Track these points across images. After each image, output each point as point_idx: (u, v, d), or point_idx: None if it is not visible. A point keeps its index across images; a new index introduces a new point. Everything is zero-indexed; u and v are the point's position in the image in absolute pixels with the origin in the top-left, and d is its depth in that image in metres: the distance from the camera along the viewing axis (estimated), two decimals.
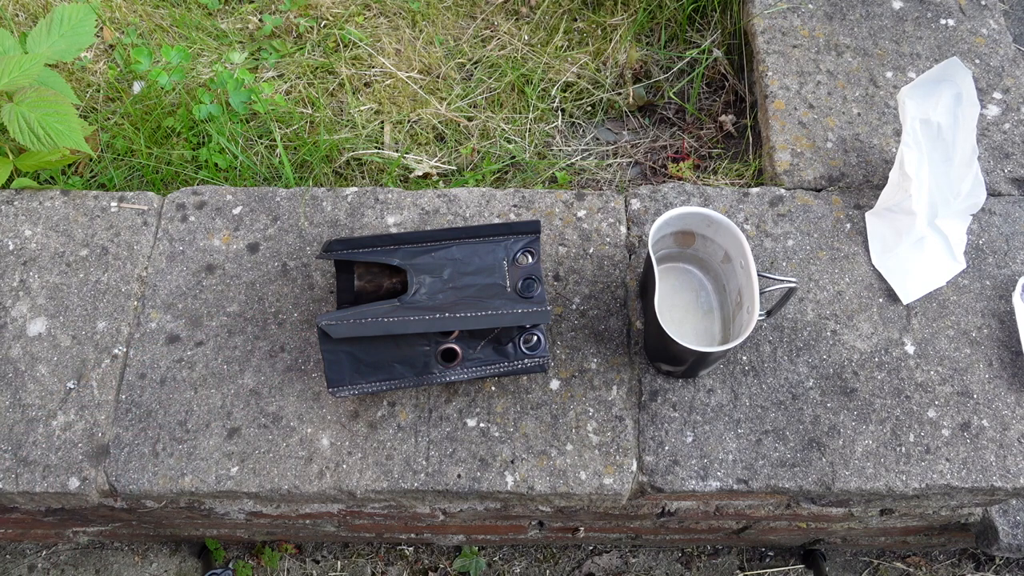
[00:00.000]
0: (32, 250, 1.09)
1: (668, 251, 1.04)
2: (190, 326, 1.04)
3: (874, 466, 0.96)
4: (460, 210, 1.12)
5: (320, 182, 1.37)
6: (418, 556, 1.44)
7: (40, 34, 1.17)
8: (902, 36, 1.30)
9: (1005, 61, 1.28)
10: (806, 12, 1.34)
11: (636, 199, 1.14)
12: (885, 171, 1.17)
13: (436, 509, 1.10)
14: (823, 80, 1.26)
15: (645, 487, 0.97)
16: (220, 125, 1.38)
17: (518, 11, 1.61)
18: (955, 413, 0.99)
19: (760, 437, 0.98)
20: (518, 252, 0.96)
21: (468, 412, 0.98)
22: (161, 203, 1.13)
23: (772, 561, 1.45)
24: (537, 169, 1.43)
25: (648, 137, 1.51)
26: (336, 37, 1.55)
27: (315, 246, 1.09)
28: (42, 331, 1.04)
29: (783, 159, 1.19)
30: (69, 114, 1.08)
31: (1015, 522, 1.10)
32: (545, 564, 1.44)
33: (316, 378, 1.00)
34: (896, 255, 1.08)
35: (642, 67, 1.55)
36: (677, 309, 1.04)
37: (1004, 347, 1.04)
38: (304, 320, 1.04)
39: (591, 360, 1.02)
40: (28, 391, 1.00)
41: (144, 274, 1.08)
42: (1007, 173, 1.18)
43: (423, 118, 1.47)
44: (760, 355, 1.02)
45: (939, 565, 1.45)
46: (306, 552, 1.43)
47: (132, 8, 1.57)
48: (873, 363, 1.02)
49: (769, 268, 1.08)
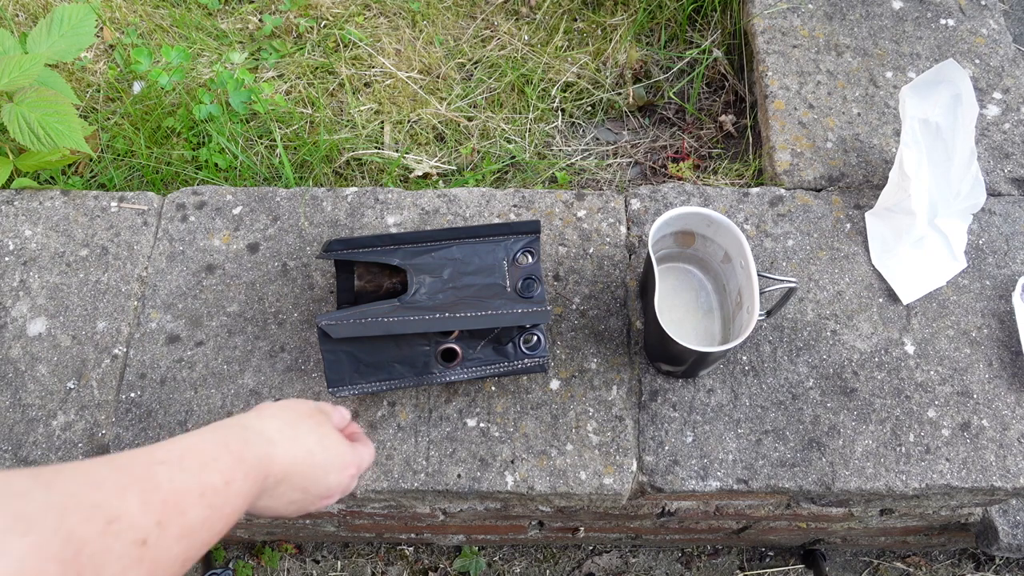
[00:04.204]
0: (32, 250, 1.09)
1: (668, 251, 1.04)
2: (190, 326, 1.04)
3: (874, 466, 0.96)
4: (460, 210, 1.12)
5: (320, 182, 1.37)
6: (418, 556, 1.44)
7: (40, 34, 1.17)
8: (902, 36, 1.30)
9: (1005, 61, 1.28)
10: (806, 12, 1.34)
11: (636, 199, 1.14)
12: (885, 171, 1.17)
13: (436, 509, 1.10)
14: (823, 80, 1.26)
15: (645, 487, 0.97)
16: (220, 125, 1.38)
17: (518, 11, 1.61)
18: (955, 413, 0.99)
19: (760, 437, 0.98)
20: (518, 252, 0.96)
21: (468, 412, 0.98)
22: (161, 203, 1.13)
23: (772, 561, 1.45)
24: (537, 169, 1.43)
25: (648, 137, 1.51)
26: (336, 37, 1.55)
27: (315, 246, 1.09)
28: (42, 331, 1.04)
29: (783, 159, 1.19)
30: (69, 114, 1.08)
31: (1015, 522, 1.10)
32: (545, 564, 1.44)
33: (316, 378, 1.00)
34: (896, 255, 1.08)
35: (642, 67, 1.55)
36: (677, 309, 1.04)
37: (1004, 347, 1.04)
38: (304, 320, 1.04)
39: (591, 360, 1.02)
40: (28, 391, 1.00)
41: (144, 274, 1.08)
42: (1007, 173, 1.18)
43: (423, 118, 1.47)
44: (760, 355, 1.02)
45: (939, 565, 1.45)
46: (306, 552, 1.43)
47: (132, 8, 1.57)
48: (873, 363, 1.02)
49: (769, 268, 1.08)
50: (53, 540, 0.39)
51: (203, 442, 0.55)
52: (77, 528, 0.41)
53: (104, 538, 0.42)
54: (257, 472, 0.56)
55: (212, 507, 0.50)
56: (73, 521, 0.41)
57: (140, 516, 0.45)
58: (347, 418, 0.76)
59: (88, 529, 0.41)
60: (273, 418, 0.63)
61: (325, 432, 0.66)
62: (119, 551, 0.42)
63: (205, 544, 0.50)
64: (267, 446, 0.59)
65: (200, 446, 0.54)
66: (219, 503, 0.51)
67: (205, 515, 0.50)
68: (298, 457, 0.62)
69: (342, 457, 0.67)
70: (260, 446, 0.58)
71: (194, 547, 0.49)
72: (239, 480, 0.54)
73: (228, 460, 0.54)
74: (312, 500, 0.64)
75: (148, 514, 0.45)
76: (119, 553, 0.42)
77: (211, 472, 0.52)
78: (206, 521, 0.50)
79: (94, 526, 0.42)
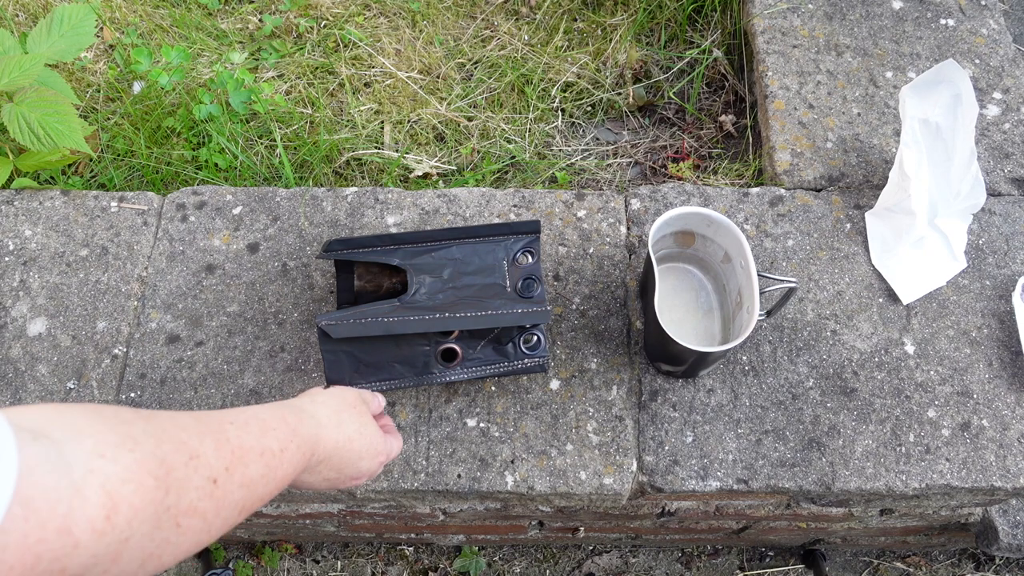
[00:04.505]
0: (32, 250, 1.09)
1: (668, 251, 1.04)
2: (190, 326, 1.04)
3: (874, 466, 0.96)
4: (460, 210, 1.12)
5: (320, 182, 1.37)
6: (418, 556, 1.44)
7: (40, 34, 1.17)
8: (902, 36, 1.30)
9: (1005, 61, 1.28)
10: (806, 12, 1.34)
11: (636, 199, 1.14)
12: (885, 171, 1.17)
13: (436, 509, 1.10)
14: (823, 80, 1.26)
15: (645, 487, 0.97)
16: (220, 125, 1.38)
17: (518, 11, 1.61)
18: (955, 413, 0.99)
19: (760, 437, 0.98)
20: (518, 252, 0.96)
21: (468, 412, 0.98)
22: (161, 203, 1.13)
23: (772, 561, 1.45)
24: (537, 169, 1.43)
25: (648, 137, 1.51)
26: (336, 37, 1.55)
27: (315, 246, 1.09)
28: (42, 331, 1.04)
29: (783, 159, 1.19)
30: (69, 114, 1.08)
31: (1015, 522, 1.10)
32: (545, 564, 1.44)
33: (316, 378, 1.00)
34: (896, 255, 1.08)
35: (642, 67, 1.55)
36: (677, 309, 1.04)
37: (1004, 347, 1.04)
38: (304, 320, 1.04)
39: (591, 360, 1.02)
40: (28, 391, 1.00)
41: (144, 274, 1.08)
42: (1007, 173, 1.18)
43: (423, 118, 1.47)
44: (760, 355, 1.02)
45: (939, 565, 1.45)
46: (306, 552, 1.43)
47: (132, 8, 1.57)
48: (873, 363, 1.02)
49: (769, 268, 1.08)
50: (151, 459, 0.47)
51: (265, 412, 0.63)
52: (169, 455, 0.48)
53: (187, 468, 0.50)
54: (306, 448, 0.65)
55: (268, 467, 0.58)
56: (166, 449, 0.48)
57: (214, 459, 0.53)
58: (383, 404, 0.85)
59: (176, 458, 0.49)
60: (323, 404, 0.72)
61: (365, 422, 0.75)
62: (197, 482, 0.50)
63: (259, 499, 0.58)
64: (317, 428, 0.68)
65: (262, 415, 0.62)
66: (274, 464, 0.59)
67: (262, 472, 0.58)
68: (340, 442, 0.70)
69: (375, 446, 0.75)
70: (312, 427, 0.67)
71: (250, 499, 0.56)
72: (291, 450, 0.62)
73: (284, 431, 0.62)
74: (344, 479, 0.73)
75: (220, 459, 0.53)
76: (196, 484, 0.50)
77: (270, 438, 0.60)
78: (262, 478, 0.58)
79: (181, 456, 0.50)
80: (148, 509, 0.45)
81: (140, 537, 0.45)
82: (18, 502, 0.37)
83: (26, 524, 0.38)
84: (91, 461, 0.43)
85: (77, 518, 0.40)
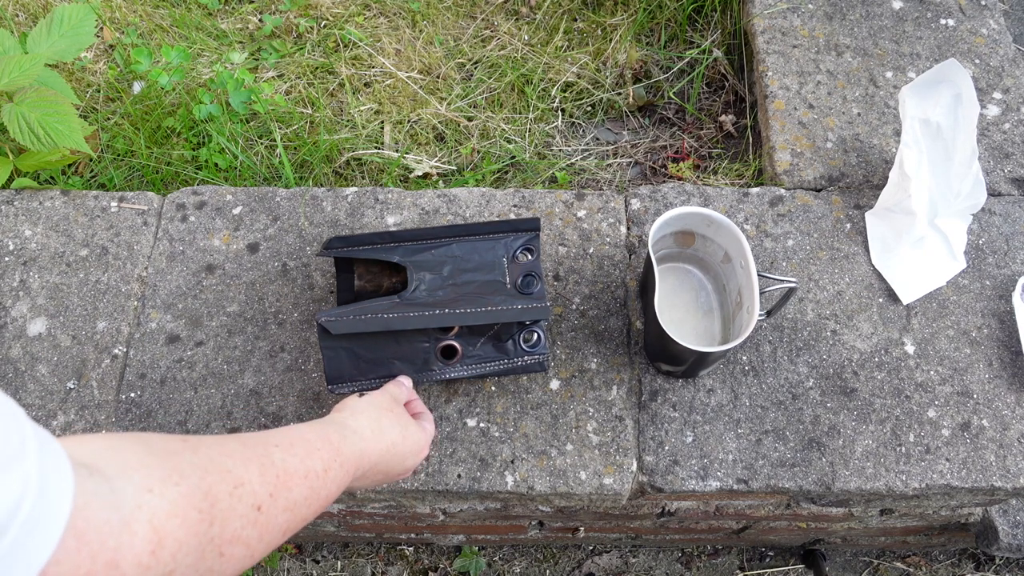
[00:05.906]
0: (32, 250, 1.09)
1: (668, 251, 1.04)
2: (190, 326, 1.04)
3: (874, 466, 0.96)
4: (460, 210, 1.12)
5: (320, 182, 1.37)
6: (418, 556, 1.44)
7: (40, 34, 1.17)
8: (902, 36, 1.30)
9: (1005, 61, 1.28)
10: (806, 12, 1.34)
11: (636, 199, 1.14)
12: (885, 171, 1.17)
13: (436, 509, 1.10)
14: (823, 80, 1.26)
15: (645, 487, 0.97)
16: (220, 125, 1.38)
17: (518, 11, 1.61)
18: (955, 413, 0.99)
19: (760, 437, 0.98)
20: (518, 249, 0.96)
21: (468, 412, 0.98)
22: (161, 203, 1.13)
23: (772, 561, 1.45)
24: (537, 169, 1.43)
25: (648, 137, 1.51)
26: (336, 37, 1.55)
27: (315, 246, 1.09)
28: (42, 331, 1.04)
29: (783, 159, 1.19)
30: (69, 114, 1.08)
31: (1015, 522, 1.10)
32: (545, 564, 1.44)
33: (316, 378, 1.00)
34: (896, 255, 1.08)
35: (642, 67, 1.55)
36: (677, 309, 1.04)
37: (1004, 347, 1.04)
38: (304, 320, 1.04)
39: (591, 360, 1.02)
40: (28, 391, 1.00)
41: (144, 274, 1.08)
42: (1007, 173, 1.18)
43: (423, 118, 1.47)
44: (760, 355, 1.02)
45: (939, 565, 1.45)
46: (306, 552, 1.43)
47: (132, 8, 1.57)
48: (873, 363, 1.02)
49: (769, 268, 1.08)
50: (196, 492, 0.47)
51: (310, 433, 0.64)
52: (213, 486, 0.49)
53: (231, 498, 0.50)
54: (351, 464, 0.67)
55: (312, 488, 0.59)
56: (211, 480, 0.49)
57: (258, 485, 0.53)
58: (409, 387, 0.88)
59: (221, 488, 0.50)
60: (363, 415, 0.74)
61: (405, 423, 0.79)
62: (241, 511, 0.51)
63: (303, 520, 0.59)
64: (360, 443, 0.70)
65: (307, 436, 0.63)
66: (318, 485, 0.60)
67: (306, 494, 0.58)
68: (384, 449, 0.73)
69: (418, 444, 0.79)
70: (355, 443, 0.69)
71: (294, 521, 0.57)
72: (335, 469, 0.63)
73: (328, 451, 0.64)
74: (392, 478, 0.78)
75: (264, 485, 0.54)
76: (240, 512, 0.51)
77: (314, 459, 0.61)
78: (306, 500, 0.58)
79: (225, 487, 0.50)
80: (192, 542, 0.46)
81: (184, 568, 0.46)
82: (72, 535, 0.39)
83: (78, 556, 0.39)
84: (139, 496, 0.44)
85: (125, 552, 0.41)
